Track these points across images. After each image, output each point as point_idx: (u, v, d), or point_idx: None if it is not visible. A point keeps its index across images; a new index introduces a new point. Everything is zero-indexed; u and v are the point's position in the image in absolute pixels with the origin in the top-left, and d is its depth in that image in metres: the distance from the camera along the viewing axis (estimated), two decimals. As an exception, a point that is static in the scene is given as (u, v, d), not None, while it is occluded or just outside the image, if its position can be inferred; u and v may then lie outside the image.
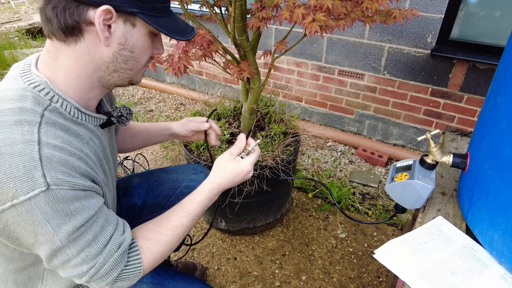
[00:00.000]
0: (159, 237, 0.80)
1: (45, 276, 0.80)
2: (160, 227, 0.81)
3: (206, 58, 1.33)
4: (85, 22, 0.64)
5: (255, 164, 1.54)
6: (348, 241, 1.86)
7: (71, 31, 0.65)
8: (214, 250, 1.82)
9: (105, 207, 0.73)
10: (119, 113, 0.88)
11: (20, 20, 6.52)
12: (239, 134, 1.75)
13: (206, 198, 0.89)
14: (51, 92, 0.68)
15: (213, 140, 1.25)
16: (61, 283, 0.82)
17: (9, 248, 0.72)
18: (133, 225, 0.83)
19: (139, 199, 1.21)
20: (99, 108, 0.86)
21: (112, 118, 0.85)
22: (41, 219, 0.60)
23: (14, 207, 0.58)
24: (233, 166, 0.91)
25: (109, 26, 0.66)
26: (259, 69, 1.53)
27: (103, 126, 0.83)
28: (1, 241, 0.70)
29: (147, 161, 2.55)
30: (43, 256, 0.66)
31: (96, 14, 0.63)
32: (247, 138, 1.00)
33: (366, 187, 2.27)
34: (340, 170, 2.44)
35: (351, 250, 1.81)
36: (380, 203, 2.12)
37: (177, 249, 1.53)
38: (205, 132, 1.25)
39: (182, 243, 1.39)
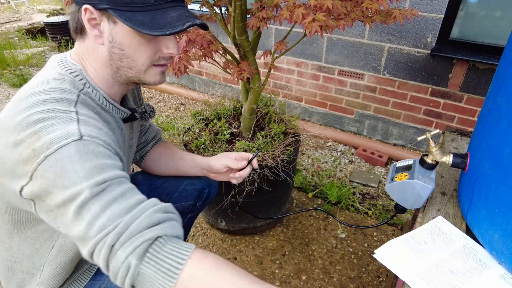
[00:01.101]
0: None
1: (44, 269, 0.81)
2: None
3: (206, 58, 1.33)
4: (82, 23, 0.71)
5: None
6: (348, 241, 1.86)
7: (76, 31, 0.74)
8: (214, 250, 1.82)
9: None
10: (143, 109, 0.92)
11: (20, 20, 6.52)
12: (239, 134, 1.75)
13: None
14: (84, 79, 0.74)
15: (232, 179, 1.12)
16: (59, 278, 0.83)
17: (26, 229, 0.74)
18: None
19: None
20: (123, 104, 0.90)
21: (135, 114, 0.89)
22: (69, 169, 0.59)
23: (46, 158, 0.59)
24: None
25: (100, 25, 0.70)
26: (259, 69, 1.53)
27: (125, 120, 0.88)
28: (16, 223, 0.73)
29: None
30: (70, 218, 0.60)
31: (82, 14, 0.69)
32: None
33: (366, 187, 2.27)
34: (340, 170, 2.44)
35: (351, 250, 1.81)
36: (380, 203, 2.12)
37: None
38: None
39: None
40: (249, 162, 1.10)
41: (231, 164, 1.08)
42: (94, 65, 0.76)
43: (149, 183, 1.23)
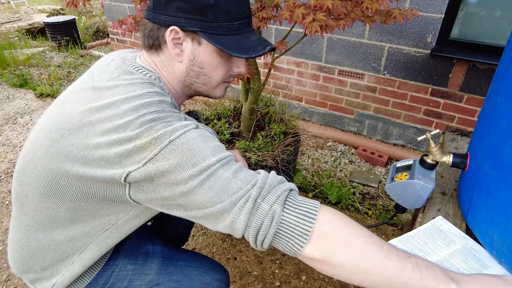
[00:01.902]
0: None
1: (86, 249, 0.82)
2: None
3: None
4: (162, 40, 0.77)
5: (255, 164, 1.54)
6: (348, 241, 1.86)
7: (152, 46, 0.80)
8: (214, 250, 1.82)
9: None
10: (196, 116, 0.99)
11: (20, 20, 6.52)
12: (239, 134, 1.75)
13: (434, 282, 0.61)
14: (165, 87, 0.80)
15: None
16: (98, 256, 0.84)
17: (75, 210, 0.76)
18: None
19: None
20: None
21: None
22: (196, 148, 0.65)
23: (171, 143, 0.65)
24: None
25: (182, 44, 0.77)
26: (259, 69, 1.53)
27: None
28: (75, 205, 0.75)
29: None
30: (192, 188, 0.65)
31: (166, 34, 0.75)
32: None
33: (366, 187, 2.27)
34: (340, 170, 2.44)
35: (351, 250, 1.81)
36: (380, 203, 2.12)
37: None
38: None
39: (187, 238, 1.41)
40: None
41: None
42: (168, 78, 0.82)
43: None
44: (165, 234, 1.27)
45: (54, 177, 0.73)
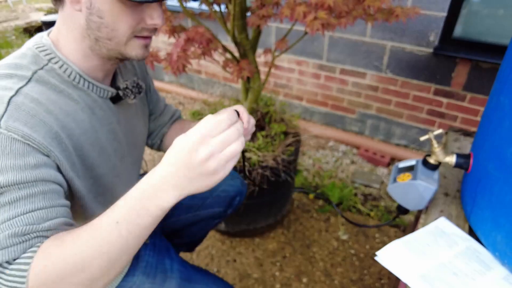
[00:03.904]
0: (68, 236, 0.57)
1: None
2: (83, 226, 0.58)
3: (206, 56, 1.32)
4: None
5: (254, 164, 1.52)
6: (350, 243, 1.84)
7: (56, 1, 0.68)
8: (214, 252, 1.80)
9: (54, 185, 0.63)
10: (125, 85, 0.84)
11: (18, 19, 6.51)
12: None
13: (140, 193, 0.56)
14: (52, 54, 0.70)
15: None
16: None
17: None
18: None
19: None
20: (112, 84, 0.84)
21: (119, 91, 0.82)
22: None
23: None
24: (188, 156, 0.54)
25: None
26: (259, 68, 1.51)
27: (114, 101, 0.81)
28: None
29: (145, 162, 2.54)
30: None
31: None
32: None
33: (368, 188, 2.25)
34: (342, 171, 2.43)
35: (352, 252, 1.79)
36: (383, 204, 2.10)
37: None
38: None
39: (201, 241, 1.39)
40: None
41: None
42: (70, 35, 0.70)
43: None
44: (181, 240, 1.25)
45: None
